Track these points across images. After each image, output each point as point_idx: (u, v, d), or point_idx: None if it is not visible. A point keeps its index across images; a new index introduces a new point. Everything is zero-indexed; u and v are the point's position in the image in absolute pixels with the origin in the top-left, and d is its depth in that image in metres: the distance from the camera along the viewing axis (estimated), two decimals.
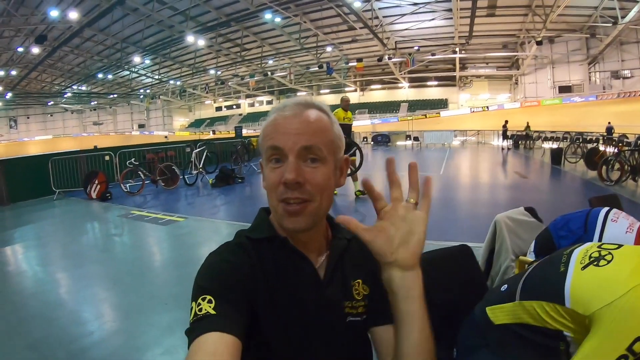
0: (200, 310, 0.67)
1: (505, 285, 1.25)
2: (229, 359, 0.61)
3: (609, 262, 0.99)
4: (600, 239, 1.65)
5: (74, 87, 43.18)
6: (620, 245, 1.04)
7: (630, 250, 1.02)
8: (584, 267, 1.01)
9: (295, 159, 0.73)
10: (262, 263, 0.79)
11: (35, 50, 27.77)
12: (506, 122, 20.73)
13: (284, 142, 0.74)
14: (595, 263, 1.01)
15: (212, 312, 0.66)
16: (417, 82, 41.60)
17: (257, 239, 0.82)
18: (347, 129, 7.29)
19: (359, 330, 0.86)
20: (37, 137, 58.00)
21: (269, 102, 50.01)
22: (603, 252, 1.03)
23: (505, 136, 20.48)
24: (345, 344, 0.84)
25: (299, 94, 43.25)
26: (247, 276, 0.75)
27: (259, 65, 37.14)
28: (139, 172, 9.42)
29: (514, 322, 1.12)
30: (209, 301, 0.68)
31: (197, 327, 0.64)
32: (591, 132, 16.91)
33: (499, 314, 1.18)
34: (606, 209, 1.77)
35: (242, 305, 0.71)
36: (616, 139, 13.78)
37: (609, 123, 17.91)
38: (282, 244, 0.81)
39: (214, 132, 41.15)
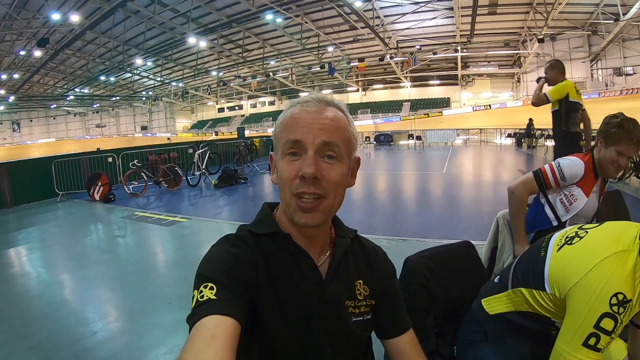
0: (202, 297, 0.67)
1: (498, 277, 1.26)
2: (228, 341, 0.60)
3: (581, 238, 0.97)
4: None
5: (77, 89, 43.32)
6: (601, 223, 1.01)
7: (606, 225, 0.99)
8: (559, 249, 1.00)
9: (314, 154, 0.73)
10: (264, 257, 0.79)
11: (38, 53, 27.81)
12: (530, 119, 19.76)
13: (305, 135, 0.74)
14: (569, 242, 0.99)
15: (213, 297, 0.66)
16: (419, 81, 41.55)
17: (259, 234, 0.82)
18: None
19: (362, 330, 0.86)
20: (40, 140, 58.21)
21: (272, 103, 50.09)
22: (580, 232, 1.00)
23: (530, 134, 19.79)
24: (348, 343, 0.84)
25: (301, 94, 43.17)
26: (248, 268, 0.75)
27: (261, 66, 37.15)
28: (142, 174, 9.44)
29: (507, 311, 1.13)
30: (211, 288, 0.67)
31: (197, 312, 0.64)
32: (594, 130, 16.63)
33: (493, 304, 1.19)
34: None
35: (243, 294, 0.71)
36: None
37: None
38: (284, 240, 0.81)
39: (216, 133, 41.13)
